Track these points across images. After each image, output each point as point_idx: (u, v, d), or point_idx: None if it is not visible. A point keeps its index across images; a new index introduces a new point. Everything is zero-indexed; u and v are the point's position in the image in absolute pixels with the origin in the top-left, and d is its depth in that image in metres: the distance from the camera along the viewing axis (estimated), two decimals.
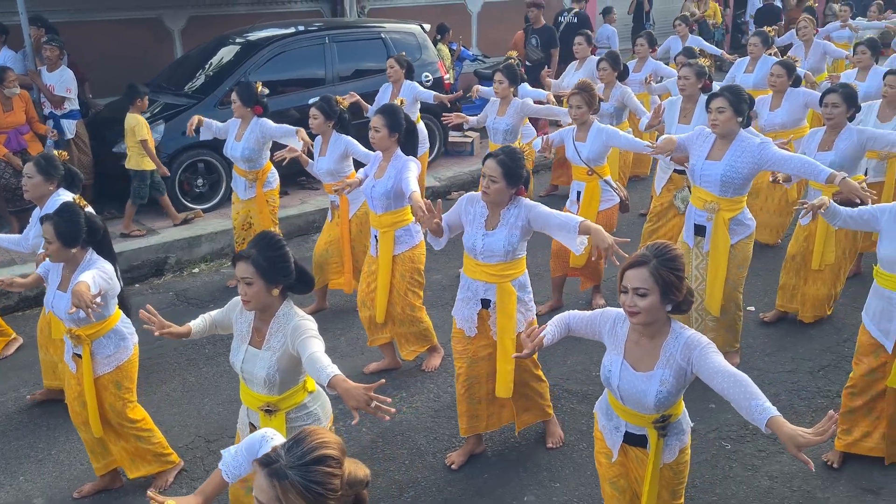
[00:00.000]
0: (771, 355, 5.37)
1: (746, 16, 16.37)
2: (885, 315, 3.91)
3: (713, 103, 4.66)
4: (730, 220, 4.74)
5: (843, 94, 5.22)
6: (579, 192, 5.68)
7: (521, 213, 3.84)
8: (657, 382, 2.79)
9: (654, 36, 8.95)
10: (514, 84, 6.75)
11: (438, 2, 12.65)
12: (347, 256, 5.90)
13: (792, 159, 4.55)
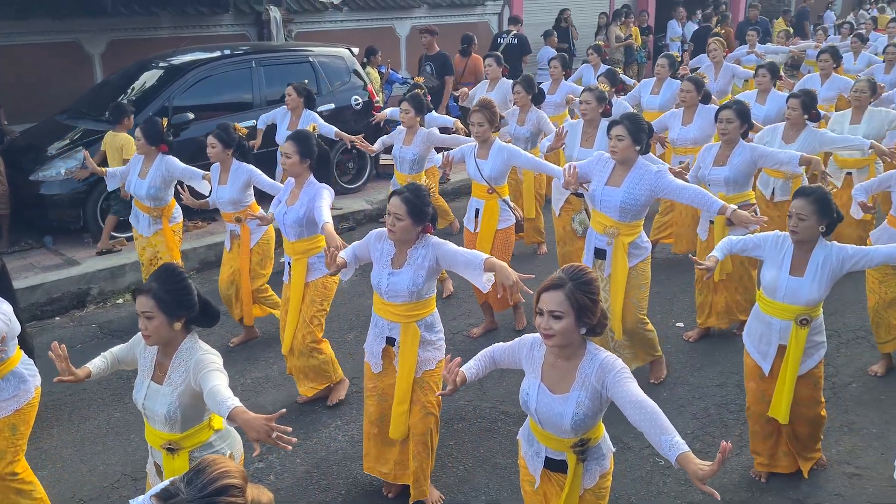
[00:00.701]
0: (700, 370, 5.49)
1: (667, 39, 16.90)
2: (764, 339, 4.08)
3: (613, 130, 4.74)
4: (628, 244, 4.83)
5: (737, 110, 5.42)
6: (478, 210, 5.72)
7: (428, 253, 3.78)
8: (573, 404, 2.81)
9: (567, 58, 9.10)
10: (421, 113, 6.78)
11: (367, 25, 12.67)
12: (246, 287, 5.77)
13: (686, 190, 4.68)
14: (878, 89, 7.21)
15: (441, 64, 9.83)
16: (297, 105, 7.34)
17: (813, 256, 3.89)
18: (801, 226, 3.84)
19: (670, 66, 8.37)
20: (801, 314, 3.91)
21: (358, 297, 6.49)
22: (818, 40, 13.33)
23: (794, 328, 3.93)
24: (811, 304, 3.90)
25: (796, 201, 3.88)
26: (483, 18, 14.50)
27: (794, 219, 3.86)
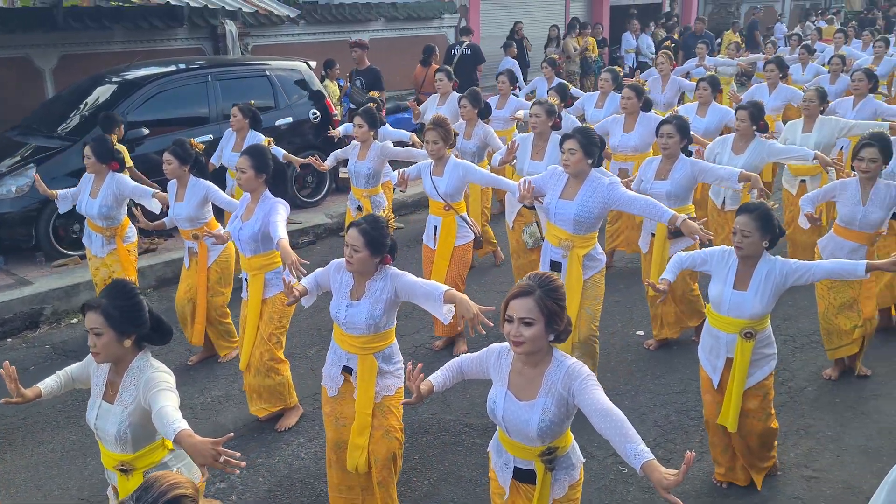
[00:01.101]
0: (660, 378, 5.55)
1: (621, 51, 17.18)
2: (714, 352, 4.16)
3: (565, 144, 4.80)
4: (583, 256, 4.88)
5: (677, 125, 5.51)
6: (436, 227, 5.73)
7: (387, 285, 3.75)
8: (539, 411, 2.82)
9: (514, 73, 9.18)
10: (374, 127, 6.77)
11: (324, 38, 12.65)
12: (202, 305, 5.68)
13: (638, 200, 4.75)
14: None
15: (372, 79, 9.59)
16: (242, 126, 7.19)
17: (756, 271, 3.98)
18: (746, 242, 3.93)
19: (613, 80, 8.48)
20: (746, 327, 3.99)
21: (319, 311, 6.44)
22: (768, 52, 13.65)
23: (740, 341, 4.01)
24: (755, 317, 3.98)
25: (740, 218, 3.96)
26: (440, 31, 14.59)
27: (739, 235, 3.94)
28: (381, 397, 3.89)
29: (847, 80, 9.81)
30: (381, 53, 12.79)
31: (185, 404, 5.29)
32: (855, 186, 5.14)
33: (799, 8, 24.74)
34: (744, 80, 13.36)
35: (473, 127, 7.25)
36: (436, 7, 14.33)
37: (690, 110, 7.84)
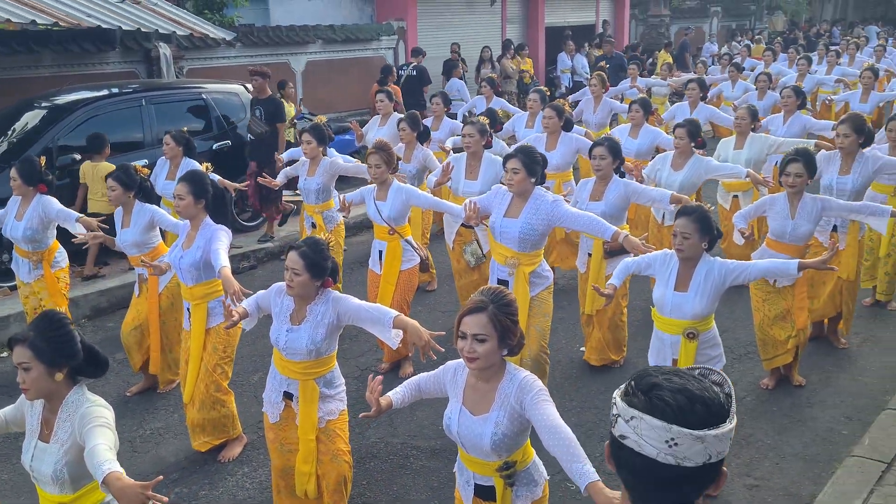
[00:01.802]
0: (606, 392, 5.60)
1: (557, 71, 17.50)
2: (661, 355, 4.26)
3: (508, 164, 4.85)
4: (529, 273, 4.92)
5: (609, 146, 5.60)
6: (381, 252, 5.71)
7: (329, 309, 3.71)
8: (492, 424, 2.82)
9: (448, 96, 9.26)
10: (323, 144, 6.77)
11: (261, 61, 12.51)
12: (155, 333, 5.54)
13: (581, 217, 4.82)
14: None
15: (273, 109, 8.94)
16: (175, 154, 7.09)
17: (696, 272, 4.08)
18: (686, 244, 4.03)
19: (542, 100, 8.55)
20: (688, 328, 4.09)
21: (261, 338, 6.33)
22: (698, 71, 14.09)
23: (683, 341, 4.10)
24: (697, 317, 4.08)
25: (679, 221, 4.07)
26: (378, 53, 14.63)
27: (679, 237, 4.05)
28: (326, 422, 3.84)
29: (774, 96, 10.23)
30: (319, 76, 12.78)
31: (124, 437, 5.12)
32: (783, 201, 5.31)
33: (726, 29, 25.61)
34: (675, 99, 13.74)
35: (413, 150, 7.28)
36: (373, 29, 14.39)
37: (623, 132, 8.01)
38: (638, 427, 1.45)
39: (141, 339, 5.63)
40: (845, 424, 5.08)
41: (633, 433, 1.46)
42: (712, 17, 25.15)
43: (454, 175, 6.34)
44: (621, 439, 1.48)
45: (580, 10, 20.11)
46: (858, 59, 14.72)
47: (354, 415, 5.08)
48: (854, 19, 33.73)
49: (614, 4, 21.09)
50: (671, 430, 1.41)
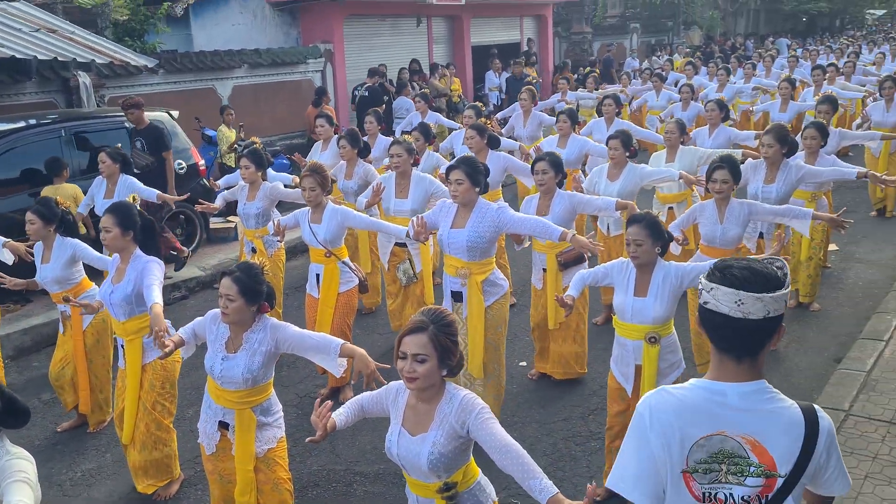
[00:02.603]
0: (545, 406, 5.65)
1: (485, 89, 17.71)
2: (623, 361, 4.32)
3: (452, 175, 4.90)
4: (482, 282, 4.95)
5: (551, 161, 5.69)
6: (318, 275, 5.64)
7: (266, 337, 3.64)
8: (429, 444, 2.81)
9: (380, 114, 9.30)
10: (261, 168, 6.69)
11: (185, 87, 12.33)
12: (83, 373, 5.35)
13: (528, 221, 4.92)
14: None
15: (154, 138, 8.48)
16: (112, 171, 6.97)
17: (654, 277, 4.17)
18: (640, 250, 4.12)
19: (476, 116, 8.69)
20: (650, 332, 4.16)
21: (196, 369, 6.16)
22: (623, 84, 14.47)
23: (645, 346, 4.17)
24: (657, 321, 4.16)
25: (631, 228, 4.17)
26: (306, 76, 14.55)
27: (633, 245, 4.14)
28: (264, 451, 3.76)
29: (697, 106, 10.57)
30: (246, 100, 12.64)
31: (54, 481, 4.92)
32: (712, 207, 5.48)
33: (645, 44, 26.36)
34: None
35: (354, 166, 7.29)
36: (300, 52, 14.31)
37: (552, 143, 8.18)
38: (716, 294, 2.08)
39: (71, 378, 5.43)
40: None
41: (712, 299, 2.10)
42: (632, 34, 25.87)
43: (385, 195, 6.35)
44: (704, 304, 2.12)
45: (505, 29, 20.42)
46: (774, 71, 15.33)
47: (295, 442, 5.01)
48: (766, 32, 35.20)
49: (538, 23, 21.49)
50: (738, 294, 2.04)
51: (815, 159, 6.72)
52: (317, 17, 14.80)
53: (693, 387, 2.17)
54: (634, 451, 2.15)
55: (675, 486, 2.11)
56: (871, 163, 9.81)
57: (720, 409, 2.09)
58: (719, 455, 2.08)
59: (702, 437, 2.08)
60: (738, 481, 2.07)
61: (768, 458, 2.06)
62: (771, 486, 2.06)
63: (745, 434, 2.06)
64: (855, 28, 41.19)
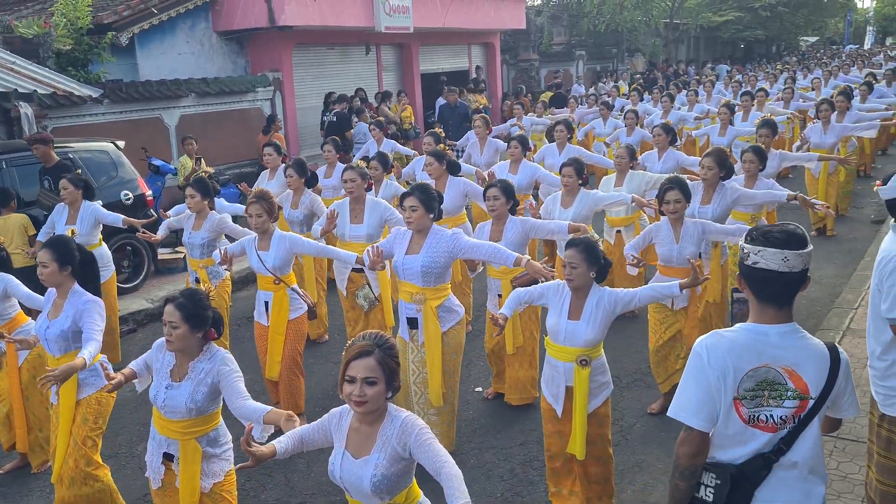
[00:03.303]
0: (502, 431, 5.65)
1: (435, 116, 17.82)
2: (554, 381, 4.36)
3: (406, 202, 4.94)
4: (437, 308, 4.97)
5: (502, 187, 5.76)
6: (267, 303, 5.58)
7: (212, 368, 3.59)
8: (372, 466, 2.81)
9: (338, 141, 9.30)
10: (207, 197, 6.62)
11: (132, 117, 12.15)
12: (19, 410, 5.18)
13: (482, 247, 4.99)
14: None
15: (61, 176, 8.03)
16: (75, 198, 6.87)
17: (588, 301, 4.23)
18: (574, 273, 4.17)
19: (435, 142, 8.77)
20: (581, 355, 4.20)
21: (143, 404, 6.04)
22: (571, 109, 14.75)
23: (577, 368, 4.21)
24: (589, 344, 4.21)
25: (567, 252, 4.23)
26: (255, 104, 14.47)
27: (568, 268, 4.19)
28: (211, 485, 3.67)
29: (641, 132, 10.82)
30: (194, 129, 12.49)
31: None
32: (668, 228, 5.60)
33: (591, 70, 26.91)
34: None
35: (300, 196, 7.28)
36: (248, 81, 14.24)
37: (503, 168, 8.27)
38: (764, 255, 2.57)
39: (7, 416, 5.26)
40: None
41: (761, 259, 2.58)
42: (578, 60, 26.40)
43: (339, 221, 6.35)
44: (754, 265, 2.60)
45: (453, 57, 20.65)
46: (714, 96, 15.77)
47: (248, 476, 4.92)
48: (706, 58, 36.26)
49: (486, 51, 21.78)
50: (784, 252, 2.55)
51: (754, 182, 6.93)
52: (265, 45, 14.77)
53: (740, 329, 2.66)
54: (694, 385, 2.64)
55: (726, 412, 2.60)
56: (811, 183, 10.18)
57: (764, 346, 2.59)
58: (763, 383, 2.58)
59: (750, 369, 2.57)
60: (778, 404, 2.57)
61: (802, 384, 2.57)
62: (804, 407, 2.58)
63: (785, 365, 2.58)
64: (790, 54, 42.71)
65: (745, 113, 11.92)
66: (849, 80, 18.51)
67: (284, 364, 5.56)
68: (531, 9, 26.03)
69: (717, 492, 2.61)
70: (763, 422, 2.58)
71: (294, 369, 5.64)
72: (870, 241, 9.53)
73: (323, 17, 14.64)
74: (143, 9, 12.66)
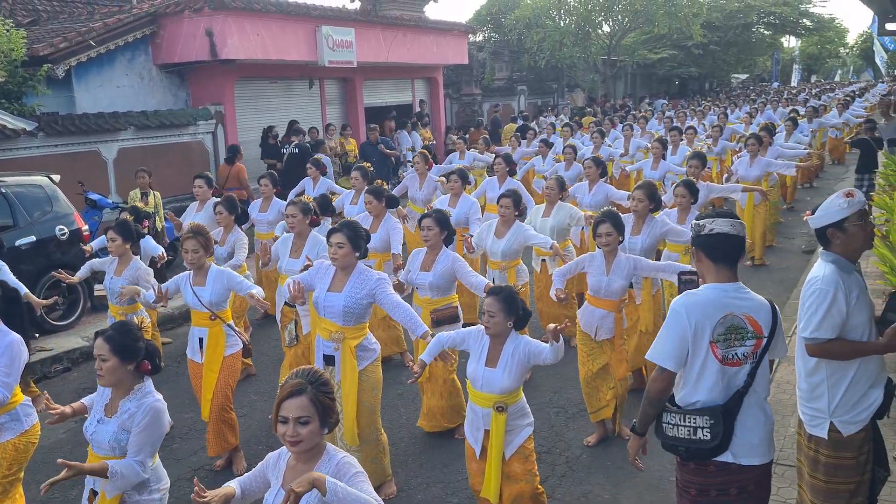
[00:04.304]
0: (449, 465, 5.61)
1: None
2: (474, 424, 4.40)
3: (332, 238, 4.91)
4: (355, 347, 4.93)
5: (436, 218, 5.84)
6: (202, 339, 5.47)
7: (137, 411, 3.45)
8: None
9: (276, 176, 9.24)
10: (129, 240, 6.50)
11: (68, 150, 11.88)
12: None
13: (399, 307, 4.89)
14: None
15: None
16: None
17: (504, 349, 4.26)
18: (492, 322, 4.22)
19: (363, 178, 8.74)
20: (498, 402, 4.23)
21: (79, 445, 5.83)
22: (512, 145, 14.97)
23: (494, 414, 4.23)
24: (505, 392, 4.23)
25: (487, 300, 4.26)
26: (196, 138, 14.31)
27: (486, 315, 4.23)
28: None
29: (578, 167, 11.05)
30: (133, 163, 12.28)
31: None
32: (601, 259, 5.70)
33: (532, 105, 27.41)
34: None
35: (229, 233, 7.23)
36: (189, 114, 14.09)
37: (444, 202, 8.35)
38: (717, 223, 3.33)
39: None
40: (674, 471, 5.36)
41: (716, 226, 3.32)
42: (519, 95, 26.87)
43: (280, 254, 6.35)
44: (710, 232, 3.33)
45: (397, 90, 20.81)
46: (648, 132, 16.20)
47: None
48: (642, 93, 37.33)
49: (429, 85, 22.02)
50: (731, 220, 3.34)
51: (687, 214, 7.13)
52: (206, 78, 14.67)
53: (706, 288, 3.35)
54: (671, 335, 3.31)
55: (704, 356, 3.26)
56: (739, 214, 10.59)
57: (727, 299, 3.29)
58: (731, 328, 3.25)
59: (720, 317, 3.25)
60: (741, 343, 3.26)
61: (758, 327, 3.28)
62: (759, 345, 3.28)
63: (745, 312, 3.28)
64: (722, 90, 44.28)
65: (674, 147, 12.33)
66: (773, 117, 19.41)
67: (216, 401, 5.41)
68: (473, 44, 26.46)
69: (714, 430, 3.24)
70: (731, 360, 3.26)
71: (226, 405, 5.50)
72: (801, 270, 9.88)
73: (266, 51, 14.63)
74: (80, 41, 12.46)
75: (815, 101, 24.57)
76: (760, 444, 3.31)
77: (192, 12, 13.77)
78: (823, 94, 32.73)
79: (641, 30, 32.55)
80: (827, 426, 3.56)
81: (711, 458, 3.28)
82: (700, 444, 3.27)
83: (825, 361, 3.55)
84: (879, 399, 3.54)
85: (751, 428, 3.29)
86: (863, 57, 64.06)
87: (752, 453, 3.29)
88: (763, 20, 40.72)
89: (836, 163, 20.32)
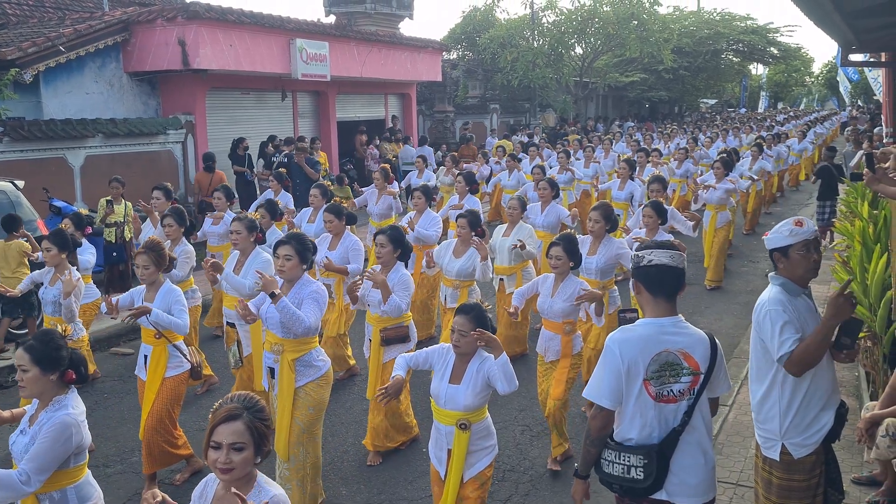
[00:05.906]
0: (413, 482, 5.58)
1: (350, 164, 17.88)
2: (438, 444, 4.38)
3: (280, 250, 4.90)
4: (294, 361, 4.86)
5: (390, 235, 5.84)
6: (146, 357, 5.35)
7: (52, 419, 3.33)
8: None
9: (230, 189, 9.17)
10: (65, 251, 6.45)
11: (33, 156, 11.70)
12: None
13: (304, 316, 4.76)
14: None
15: None
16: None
17: (470, 366, 4.27)
18: (462, 341, 4.23)
19: (321, 195, 8.67)
20: (461, 419, 4.22)
21: None
22: (479, 163, 15.08)
23: (457, 432, 4.22)
24: (468, 409, 4.23)
25: (457, 318, 4.26)
26: (166, 147, 14.19)
27: (456, 334, 4.23)
28: None
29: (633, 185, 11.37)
30: (100, 171, 12.14)
31: None
32: (551, 280, 5.75)
33: (505, 124, 27.59)
34: None
35: (176, 245, 7.16)
36: (159, 123, 13.97)
37: (403, 222, 8.37)
38: (656, 254, 3.24)
39: None
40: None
41: (655, 258, 3.22)
42: (492, 114, 27.04)
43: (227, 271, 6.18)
44: (649, 263, 3.23)
45: (370, 105, 20.83)
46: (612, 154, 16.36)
47: None
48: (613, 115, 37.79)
49: (402, 101, 22.08)
50: (669, 252, 3.24)
51: (655, 235, 7.23)
52: (177, 88, 14.56)
53: (642, 324, 3.27)
54: (606, 373, 3.22)
55: (638, 394, 3.18)
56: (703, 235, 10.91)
57: (662, 335, 3.21)
58: (665, 365, 3.18)
59: (654, 354, 3.17)
60: (676, 380, 3.18)
61: (694, 363, 3.20)
62: (696, 382, 3.20)
63: (680, 348, 3.20)
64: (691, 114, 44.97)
65: (640, 169, 12.55)
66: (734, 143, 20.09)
67: (149, 422, 5.19)
68: (447, 62, 26.62)
69: (647, 469, 3.18)
70: (666, 396, 3.19)
71: (161, 431, 5.27)
72: None
73: (238, 61, 14.58)
74: (49, 46, 12.31)
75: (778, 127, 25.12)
76: (699, 485, 3.23)
77: (165, 21, 13.70)
78: (787, 122, 33.41)
79: (613, 53, 32.99)
80: (779, 448, 3.61)
81: (646, 496, 3.22)
82: (633, 482, 3.20)
83: (777, 384, 3.60)
84: (830, 422, 3.59)
85: (688, 468, 3.20)
86: (827, 86, 65.65)
87: (689, 493, 3.21)
88: (732, 47, 41.46)
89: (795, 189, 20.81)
